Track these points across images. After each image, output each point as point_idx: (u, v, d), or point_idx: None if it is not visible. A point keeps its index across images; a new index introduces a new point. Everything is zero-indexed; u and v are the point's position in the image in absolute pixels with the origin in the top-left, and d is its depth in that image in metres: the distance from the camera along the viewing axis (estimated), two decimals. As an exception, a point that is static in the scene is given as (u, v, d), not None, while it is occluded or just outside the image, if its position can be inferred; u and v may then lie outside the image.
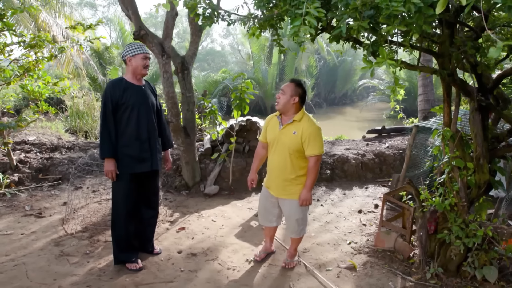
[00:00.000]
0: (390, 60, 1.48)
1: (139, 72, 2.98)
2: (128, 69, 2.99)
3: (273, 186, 2.95)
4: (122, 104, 2.91)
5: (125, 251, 3.05)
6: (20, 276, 2.90)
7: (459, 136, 2.85)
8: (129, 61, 2.94)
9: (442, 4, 1.27)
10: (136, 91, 2.98)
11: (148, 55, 3.00)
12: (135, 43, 3.00)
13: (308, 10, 1.47)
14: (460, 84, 2.80)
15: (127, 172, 2.95)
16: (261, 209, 3.16)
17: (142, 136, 2.99)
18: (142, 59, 2.95)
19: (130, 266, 3.04)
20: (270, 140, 2.94)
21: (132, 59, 2.93)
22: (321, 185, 5.27)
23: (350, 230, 3.91)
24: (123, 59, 2.98)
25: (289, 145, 2.79)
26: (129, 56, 2.93)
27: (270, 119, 3.02)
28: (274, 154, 2.91)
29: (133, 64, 2.94)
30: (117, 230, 3.02)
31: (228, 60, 32.99)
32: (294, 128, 2.79)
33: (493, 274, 2.78)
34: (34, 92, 5.34)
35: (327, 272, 3.09)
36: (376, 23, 1.77)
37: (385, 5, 1.40)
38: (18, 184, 4.84)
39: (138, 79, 3.02)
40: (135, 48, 2.95)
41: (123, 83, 2.96)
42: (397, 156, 5.84)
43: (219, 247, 3.47)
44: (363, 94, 26.68)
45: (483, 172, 2.75)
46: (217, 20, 2.64)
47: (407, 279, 2.96)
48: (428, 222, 3.10)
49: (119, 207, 3.01)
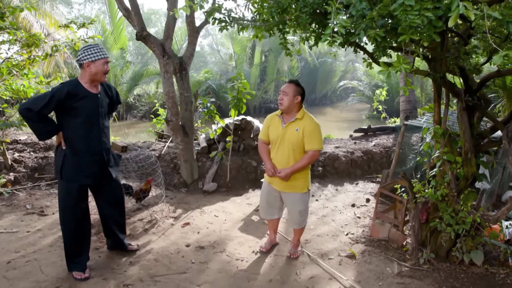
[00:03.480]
0: (405, 65, 1.71)
1: (98, 78, 2.71)
2: (84, 74, 2.69)
3: (276, 181, 3.13)
4: (75, 112, 2.67)
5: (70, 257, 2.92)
6: (34, 272, 2.96)
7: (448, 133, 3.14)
8: (87, 66, 2.65)
9: (454, 19, 1.50)
10: (92, 100, 2.73)
11: (109, 60, 2.76)
12: (94, 46, 2.69)
13: (338, 20, 1.68)
14: (450, 86, 3.09)
15: (76, 182, 2.77)
16: (263, 204, 3.34)
17: (94, 149, 2.81)
18: (103, 64, 2.68)
19: (76, 274, 2.88)
20: (273, 138, 3.12)
21: (92, 64, 2.65)
22: (314, 181, 5.51)
23: (346, 222, 4.16)
24: (80, 62, 2.67)
25: (293, 142, 3.00)
26: (88, 61, 2.64)
27: (271, 119, 3.19)
28: (278, 151, 3.10)
29: (92, 70, 2.66)
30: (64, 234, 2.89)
31: (207, 60, 32.95)
32: (296, 125, 3.00)
33: (480, 257, 3.08)
34: (19, 91, 5.28)
35: (329, 260, 3.31)
36: (386, 31, 2.00)
37: (404, 18, 1.62)
38: (14, 183, 4.82)
39: (95, 86, 2.77)
40: (95, 53, 2.66)
41: (79, 89, 2.67)
42: (384, 154, 6.17)
43: (225, 240, 3.63)
44: (342, 95, 27.33)
45: (470, 166, 3.05)
46: (232, 25, 2.80)
47: (402, 265, 3.22)
48: (420, 212, 3.38)
49: (62, 213, 2.84)
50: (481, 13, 1.54)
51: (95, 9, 37.15)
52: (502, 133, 2.98)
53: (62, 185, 2.82)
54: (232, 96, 4.91)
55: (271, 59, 20.08)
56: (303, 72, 23.50)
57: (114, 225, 3.19)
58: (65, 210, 2.84)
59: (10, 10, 4.30)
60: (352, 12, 2.00)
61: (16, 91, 5.26)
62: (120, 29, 16.87)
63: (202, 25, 5.06)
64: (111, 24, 16.90)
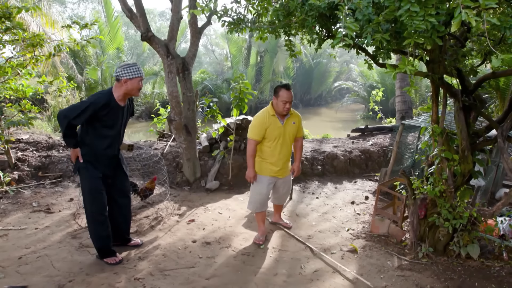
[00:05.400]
0: (410, 67, 1.83)
1: (132, 93, 2.96)
2: (120, 88, 2.90)
3: (281, 171, 3.56)
4: (104, 122, 2.92)
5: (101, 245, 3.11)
6: (46, 267, 3.03)
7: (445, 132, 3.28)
8: (125, 83, 2.87)
9: (457, 24, 1.62)
10: (119, 112, 2.98)
11: (143, 78, 2.98)
12: (133, 65, 2.91)
13: (348, 24, 1.80)
14: (447, 87, 3.23)
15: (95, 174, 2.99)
16: (263, 198, 3.58)
17: (112, 153, 3.08)
18: (138, 82, 2.91)
19: (108, 260, 3.10)
20: (275, 136, 3.45)
21: (129, 81, 2.87)
22: (314, 180, 5.64)
23: (346, 219, 4.28)
24: (118, 78, 2.87)
25: (292, 134, 3.53)
26: (126, 78, 2.85)
27: (268, 119, 3.43)
28: (282, 146, 3.48)
29: (128, 86, 2.89)
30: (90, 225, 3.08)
31: (202, 60, 33.01)
32: (292, 119, 3.51)
33: (476, 250, 3.22)
34: (18, 90, 5.32)
35: (332, 254, 3.43)
36: (391, 35, 2.12)
37: (409, 23, 1.74)
38: (18, 182, 4.86)
39: (125, 100, 3.00)
40: (133, 71, 2.87)
41: (112, 101, 2.89)
42: (381, 153, 6.32)
43: (230, 236, 3.73)
44: (337, 96, 27.57)
45: (467, 163, 3.19)
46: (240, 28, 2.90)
47: (402, 259, 3.35)
48: (419, 208, 3.52)
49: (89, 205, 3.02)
50: (481, 20, 1.66)
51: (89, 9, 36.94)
52: (497, 132, 3.12)
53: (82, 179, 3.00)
54: (234, 96, 5.01)
55: (267, 59, 20.23)
56: (298, 72, 23.68)
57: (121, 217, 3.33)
58: (89, 201, 3.01)
59: (16, 10, 4.36)
60: (358, 16, 2.12)
61: (15, 90, 5.31)
62: (116, 29, 16.88)
63: (204, 26, 5.16)
64: (107, 24, 16.89)
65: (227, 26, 2.86)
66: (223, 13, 2.79)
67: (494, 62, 1.64)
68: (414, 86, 1.99)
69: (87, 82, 14.15)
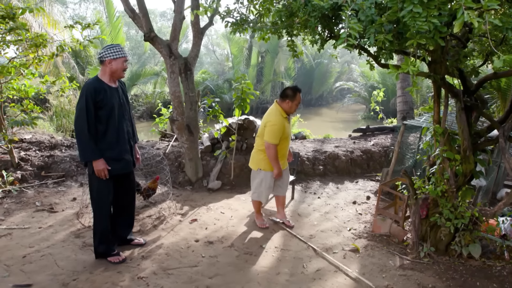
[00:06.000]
0: (413, 67, 1.85)
1: (117, 75, 2.99)
2: (105, 70, 2.95)
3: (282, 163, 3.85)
4: (103, 106, 2.91)
5: (107, 244, 3.15)
6: (50, 265, 3.05)
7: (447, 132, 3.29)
8: (109, 63, 2.90)
9: (459, 25, 1.64)
10: (114, 93, 3.00)
11: (127, 59, 3.02)
12: (115, 45, 2.95)
13: (351, 25, 1.82)
14: (449, 87, 3.24)
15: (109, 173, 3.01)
16: (268, 190, 3.86)
17: (123, 138, 3.07)
18: (122, 62, 2.95)
19: (112, 259, 3.13)
20: (286, 135, 3.73)
21: (113, 61, 2.90)
22: (315, 179, 5.65)
23: (348, 218, 4.30)
24: (102, 59, 2.91)
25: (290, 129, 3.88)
26: (109, 59, 2.89)
27: (282, 121, 3.68)
28: (287, 142, 3.80)
29: (113, 67, 2.92)
30: (102, 224, 3.10)
31: (202, 61, 33.08)
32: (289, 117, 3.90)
33: (478, 250, 3.23)
34: (20, 90, 5.35)
35: (334, 254, 3.44)
36: (394, 35, 2.13)
37: (412, 24, 1.76)
38: (22, 181, 4.89)
39: (114, 81, 3.03)
40: (117, 51, 2.91)
41: (102, 84, 2.92)
42: (382, 153, 6.34)
43: (232, 236, 3.75)
44: (338, 96, 27.57)
45: (469, 163, 3.20)
46: (243, 29, 2.92)
47: (404, 258, 3.36)
48: (421, 208, 3.53)
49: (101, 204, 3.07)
50: (483, 20, 1.68)
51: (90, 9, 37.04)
52: (498, 132, 3.14)
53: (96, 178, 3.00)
54: (236, 96, 5.03)
55: (268, 60, 20.24)
56: (299, 73, 23.70)
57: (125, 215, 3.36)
58: (101, 200, 3.06)
59: (20, 10, 4.39)
60: (361, 17, 2.14)
61: (18, 90, 5.34)
62: (117, 29, 16.90)
63: (206, 27, 5.17)
64: (108, 24, 16.91)
65: (230, 26, 2.88)
66: (226, 14, 2.81)
67: (496, 63, 1.66)
68: (416, 86, 2.01)
69: (89, 82, 14.15)
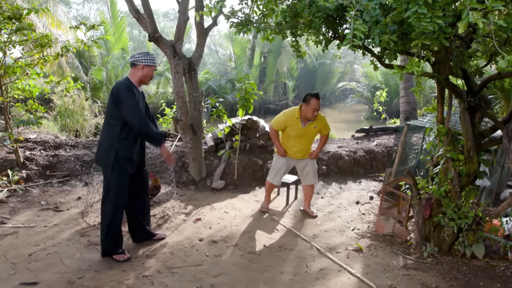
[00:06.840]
0: (417, 68, 1.86)
1: (146, 81, 3.15)
2: (136, 74, 3.07)
3: (297, 155, 4.18)
4: None
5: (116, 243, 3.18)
6: (56, 264, 3.08)
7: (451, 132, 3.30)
8: (142, 68, 3.05)
9: (464, 26, 1.65)
10: (140, 96, 3.13)
11: (156, 69, 3.21)
12: (151, 54, 3.11)
13: (356, 26, 1.83)
14: (453, 88, 3.25)
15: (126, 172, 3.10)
16: (279, 172, 4.23)
17: (138, 139, 3.19)
18: (152, 70, 3.13)
19: (118, 257, 3.16)
20: (295, 135, 4.04)
21: (146, 68, 3.06)
22: (318, 180, 5.66)
23: (351, 218, 4.31)
24: (136, 63, 3.04)
25: (312, 135, 4.14)
26: (144, 64, 3.04)
27: (290, 119, 4.02)
28: (300, 142, 4.10)
29: (144, 73, 3.07)
30: (114, 224, 3.13)
31: (205, 61, 33.14)
32: (314, 124, 4.05)
33: (481, 250, 3.24)
34: (25, 90, 5.39)
35: (337, 254, 3.46)
36: (398, 36, 2.15)
37: (417, 25, 1.77)
38: (27, 180, 4.93)
39: (139, 86, 3.17)
40: (151, 59, 3.09)
41: (133, 85, 3.06)
42: (385, 153, 6.34)
43: (236, 235, 3.77)
44: (341, 96, 27.54)
45: (473, 163, 3.21)
46: (248, 29, 2.94)
47: (407, 258, 3.37)
48: (424, 208, 3.54)
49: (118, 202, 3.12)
50: (488, 21, 1.69)
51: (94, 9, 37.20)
52: (502, 132, 3.14)
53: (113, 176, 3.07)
54: (240, 97, 5.05)
55: (271, 60, 20.26)
56: (302, 73, 23.72)
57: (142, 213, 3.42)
58: (118, 198, 3.11)
59: (26, 11, 4.43)
60: (365, 18, 2.15)
61: (22, 90, 5.38)
62: (121, 30, 17.00)
63: (210, 27, 5.20)
64: (112, 24, 17.00)
65: (235, 27, 2.90)
66: (231, 14, 2.83)
67: (501, 63, 1.67)
68: (421, 86, 2.02)
69: (92, 82, 14.26)
